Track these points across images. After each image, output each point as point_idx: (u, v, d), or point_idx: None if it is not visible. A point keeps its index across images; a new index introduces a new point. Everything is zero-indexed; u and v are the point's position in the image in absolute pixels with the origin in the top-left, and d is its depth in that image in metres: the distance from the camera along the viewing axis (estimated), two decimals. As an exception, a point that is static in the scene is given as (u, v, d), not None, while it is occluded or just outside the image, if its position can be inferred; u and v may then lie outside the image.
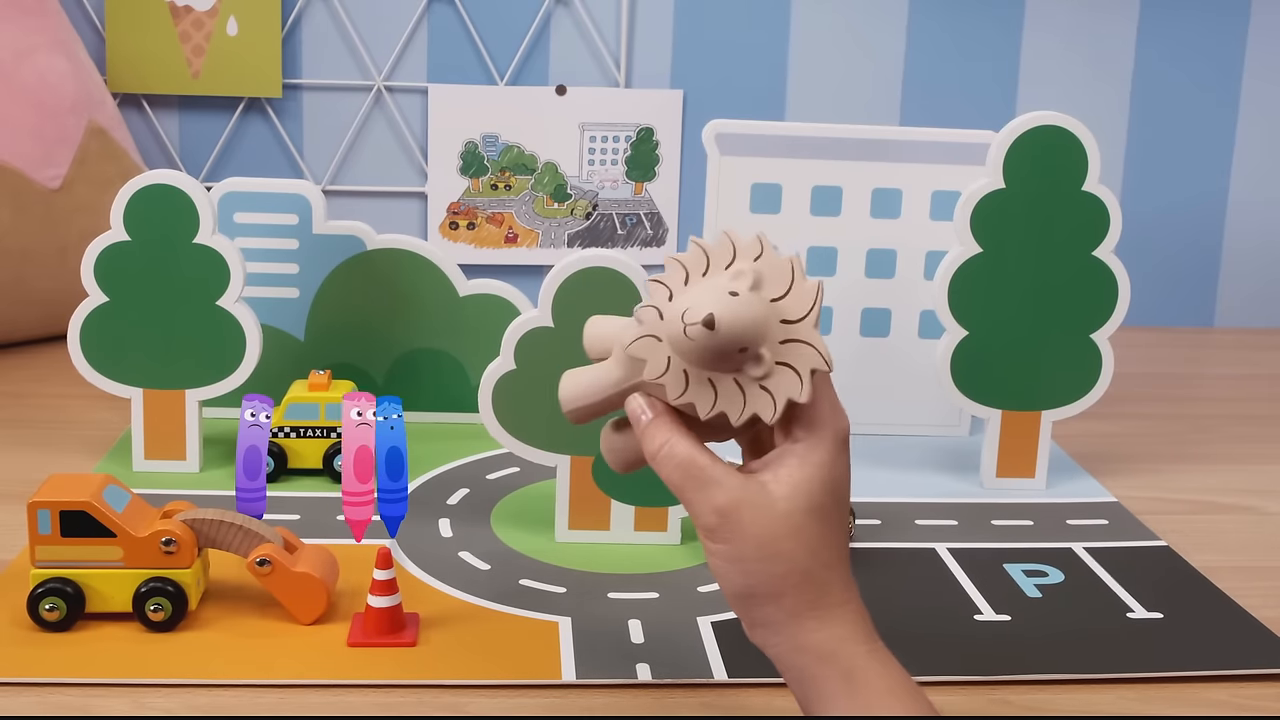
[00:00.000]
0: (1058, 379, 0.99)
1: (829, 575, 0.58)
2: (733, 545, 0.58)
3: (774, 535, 0.58)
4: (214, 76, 1.43)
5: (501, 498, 0.95)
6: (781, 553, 0.58)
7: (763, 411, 0.58)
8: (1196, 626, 0.78)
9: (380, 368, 1.09)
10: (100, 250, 0.94)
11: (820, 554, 0.58)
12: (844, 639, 0.58)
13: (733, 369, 0.58)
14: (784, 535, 0.58)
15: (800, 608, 0.58)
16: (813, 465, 0.58)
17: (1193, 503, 1.01)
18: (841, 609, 0.58)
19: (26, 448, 1.03)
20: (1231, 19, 1.51)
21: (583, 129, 1.49)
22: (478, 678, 0.70)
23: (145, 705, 0.67)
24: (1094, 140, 0.95)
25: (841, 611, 0.58)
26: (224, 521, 0.74)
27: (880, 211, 1.08)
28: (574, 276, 0.84)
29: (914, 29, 1.49)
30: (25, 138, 1.25)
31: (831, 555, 0.58)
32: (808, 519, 0.58)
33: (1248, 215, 1.56)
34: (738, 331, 0.57)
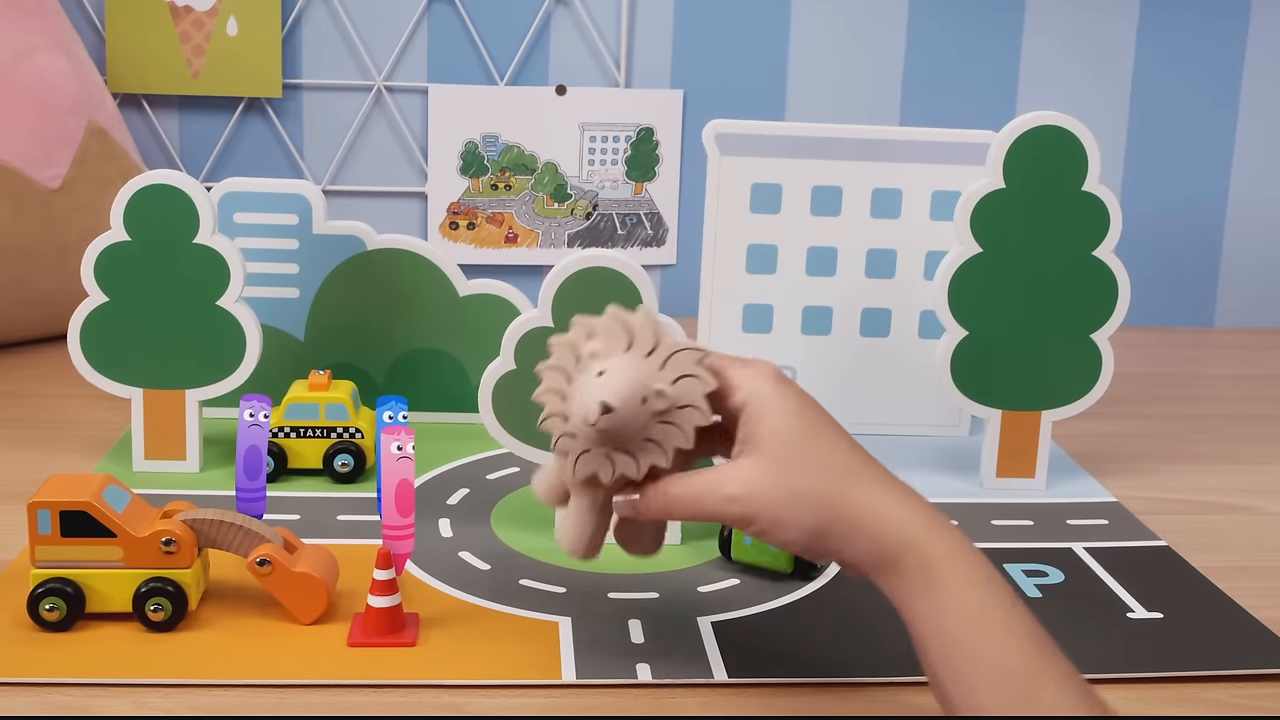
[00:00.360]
0: (1058, 379, 0.99)
1: (858, 473, 0.63)
2: (768, 510, 0.62)
3: (787, 477, 0.62)
4: (214, 76, 1.43)
5: (501, 498, 0.95)
6: (804, 486, 0.62)
7: (628, 473, 0.66)
8: (1196, 626, 0.78)
9: (380, 368, 1.09)
10: (100, 250, 0.94)
11: (838, 461, 0.63)
12: (905, 524, 0.61)
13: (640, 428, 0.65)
14: (795, 472, 0.62)
15: (856, 514, 0.61)
16: (768, 409, 0.63)
17: (1193, 503, 1.01)
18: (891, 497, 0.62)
19: (26, 448, 1.03)
20: (1231, 20, 1.51)
21: (583, 129, 1.49)
22: (478, 678, 0.70)
23: (145, 705, 0.67)
24: (1094, 140, 0.95)
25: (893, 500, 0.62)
26: (224, 521, 0.74)
27: (880, 211, 1.08)
28: (574, 276, 0.84)
29: (914, 29, 1.49)
30: (25, 138, 1.25)
31: (848, 458, 0.63)
32: (802, 445, 0.63)
33: (1248, 215, 1.56)
34: (627, 396, 0.64)
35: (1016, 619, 0.58)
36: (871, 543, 0.61)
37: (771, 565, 0.83)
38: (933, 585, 0.59)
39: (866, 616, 0.78)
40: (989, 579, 0.59)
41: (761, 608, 0.79)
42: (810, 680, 0.71)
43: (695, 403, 0.65)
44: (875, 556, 0.61)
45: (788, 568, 0.82)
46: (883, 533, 0.61)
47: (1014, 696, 0.55)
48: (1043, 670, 0.56)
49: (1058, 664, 0.57)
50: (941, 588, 0.59)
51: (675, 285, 1.52)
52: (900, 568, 0.60)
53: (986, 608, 0.58)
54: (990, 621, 0.58)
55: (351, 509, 0.92)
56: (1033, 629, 0.58)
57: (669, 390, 0.65)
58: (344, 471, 0.96)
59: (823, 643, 0.75)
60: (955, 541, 0.60)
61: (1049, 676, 0.56)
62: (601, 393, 0.63)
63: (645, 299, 0.84)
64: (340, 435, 0.97)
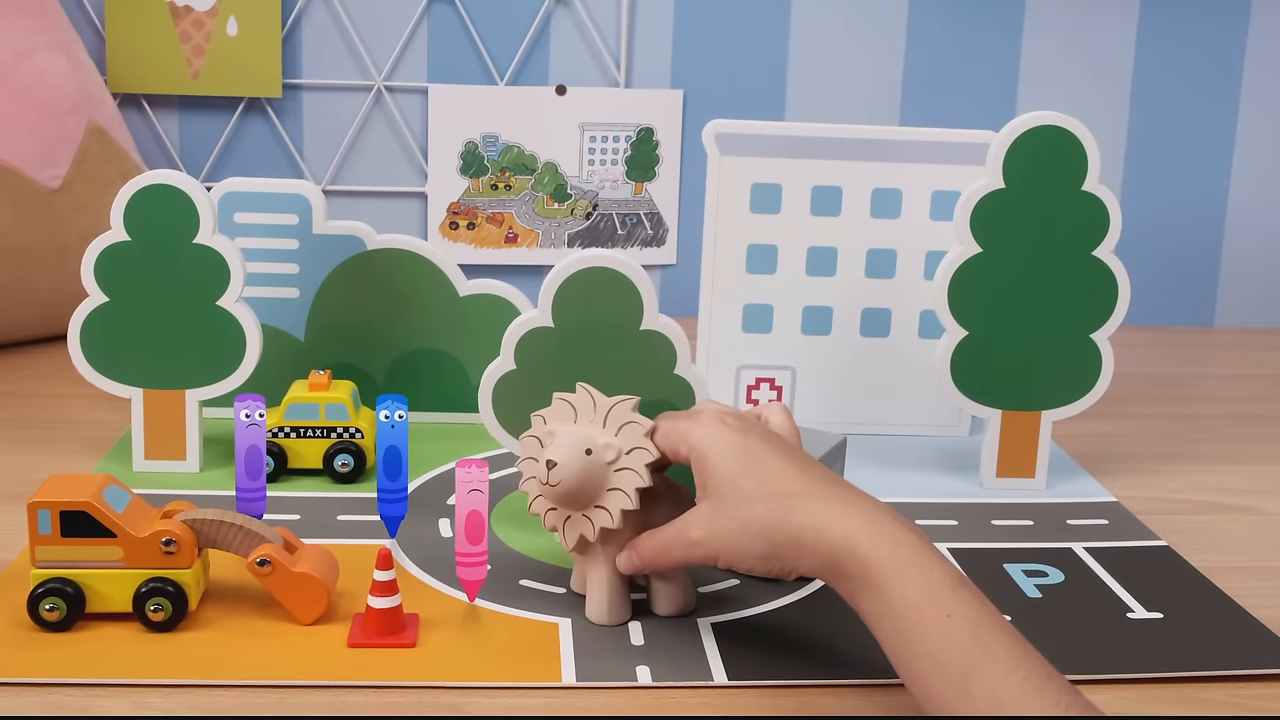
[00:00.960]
0: (1058, 379, 0.99)
1: (796, 495, 0.68)
2: (725, 546, 0.70)
3: (733, 511, 0.69)
4: (214, 76, 1.43)
5: (501, 498, 0.95)
6: (747, 517, 0.69)
7: (604, 523, 0.74)
8: (1196, 626, 0.78)
9: (380, 368, 1.09)
10: (100, 250, 0.94)
11: (775, 487, 0.69)
12: (843, 535, 0.65)
13: (600, 481, 0.74)
14: (739, 506, 0.69)
15: (797, 534, 0.67)
16: (709, 453, 0.71)
17: (1193, 503, 1.01)
18: (828, 511, 0.67)
19: (26, 448, 1.03)
20: (1231, 20, 1.51)
21: (583, 129, 1.49)
22: (478, 678, 0.70)
23: (145, 705, 0.67)
24: (1094, 140, 0.95)
25: (830, 514, 0.66)
26: (224, 521, 0.74)
27: (880, 211, 1.08)
28: (574, 276, 0.84)
29: (914, 29, 1.49)
30: (25, 138, 1.25)
31: (786, 483, 0.69)
32: (741, 479, 0.70)
33: (1248, 215, 1.56)
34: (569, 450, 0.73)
35: (956, 607, 0.61)
36: (817, 556, 0.66)
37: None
38: (872, 588, 0.64)
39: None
40: (926, 571, 0.63)
41: (761, 608, 0.79)
42: (810, 680, 0.71)
43: (639, 444, 0.73)
44: (823, 568, 0.66)
45: None
46: (824, 546, 0.66)
47: (953, 683, 0.59)
48: (982, 655, 0.59)
49: (998, 645, 0.60)
50: (880, 589, 0.63)
51: (675, 285, 1.52)
52: (844, 575, 0.65)
53: (923, 603, 0.62)
54: (926, 616, 0.61)
55: (351, 509, 0.92)
56: (972, 615, 0.61)
57: (614, 440, 0.73)
58: (344, 471, 0.96)
59: (823, 643, 0.75)
60: (895, 543, 0.64)
61: (988, 659, 0.59)
62: (547, 454, 0.73)
63: (645, 299, 0.84)
64: (340, 435, 0.97)
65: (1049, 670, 0.59)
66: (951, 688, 0.59)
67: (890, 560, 0.63)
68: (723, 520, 0.70)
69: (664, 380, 0.86)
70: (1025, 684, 0.58)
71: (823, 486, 0.69)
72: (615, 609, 0.76)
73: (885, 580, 0.63)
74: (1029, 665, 0.59)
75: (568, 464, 0.73)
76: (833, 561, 0.65)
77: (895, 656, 0.63)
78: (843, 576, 0.65)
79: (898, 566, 0.63)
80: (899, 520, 0.66)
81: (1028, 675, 0.58)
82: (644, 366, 0.85)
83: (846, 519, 0.66)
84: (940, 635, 0.61)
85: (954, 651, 0.60)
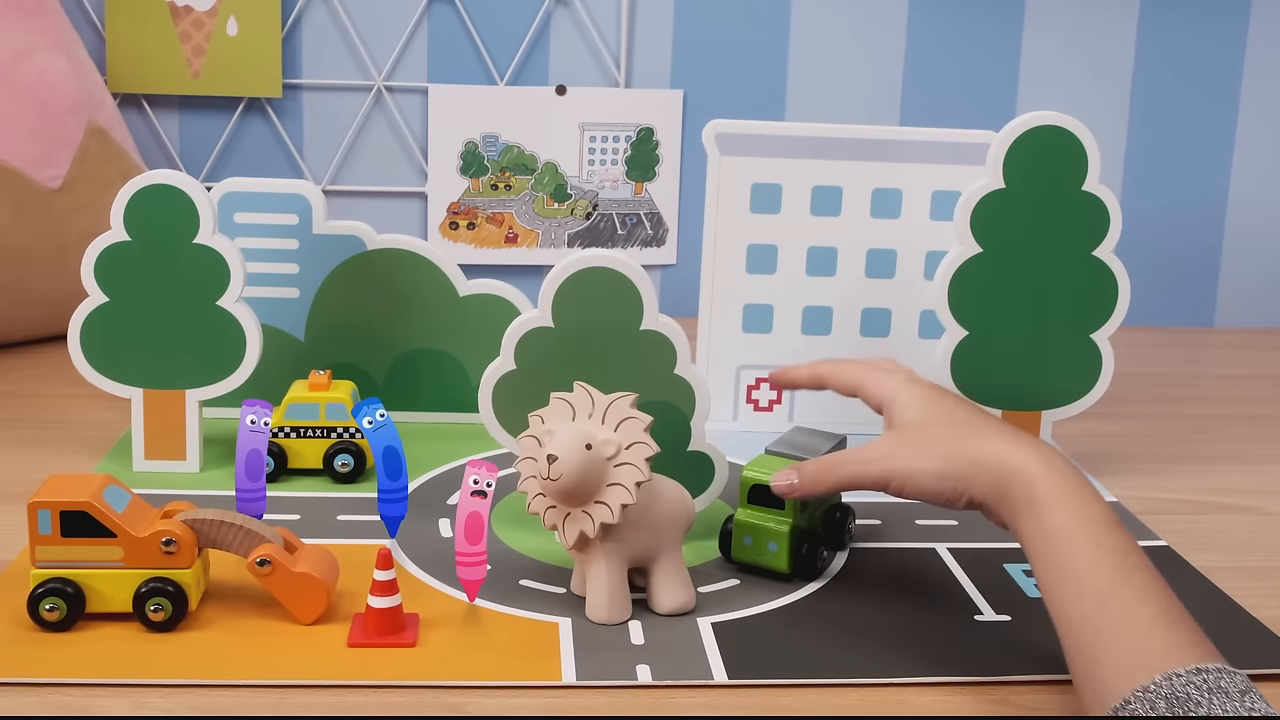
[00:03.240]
0: (1058, 379, 0.99)
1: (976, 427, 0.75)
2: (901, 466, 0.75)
3: (916, 437, 0.76)
4: (214, 76, 1.43)
5: (502, 498, 0.95)
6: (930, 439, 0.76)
7: (605, 519, 0.74)
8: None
9: (380, 368, 1.09)
10: (100, 250, 0.94)
11: (958, 419, 0.77)
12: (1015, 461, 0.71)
13: (600, 476, 0.74)
14: (922, 433, 0.76)
15: (974, 455, 0.73)
16: (900, 403, 0.78)
17: (1193, 503, 1.01)
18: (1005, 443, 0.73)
19: (26, 448, 1.03)
20: (1231, 19, 1.51)
21: (583, 129, 1.49)
22: (478, 678, 0.70)
23: (145, 705, 0.67)
24: (1094, 140, 0.95)
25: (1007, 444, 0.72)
26: (224, 521, 0.74)
27: (880, 211, 1.08)
28: (574, 276, 0.84)
29: (914, 29, 1.49)
30: (25, 138, 1.25)
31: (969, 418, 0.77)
32: (928, 415, 0.77)
33: (1248, 215, 1.56)
34: (569, 445, 0.73)
35: (1107, 539, 0.66)
36: (988, 478, 0.71)
37: (770, 565, 0.83)
38: (1034, 510, 0.69)
39: (866, 616, 0.79)
40: (1084, 503, 0.68)
41: (761, 608, 0.79)
42: (810, 680, 0.71)
43: (639, 438, 0.74)
44: (991, 489, 0.71)
45: (786, 568, 0.82)
46: (996, 468, 0.71)
47: (1089, 598, 0.64)
48: (1123, 582, 0.64)
49: (1140, 579, 0.64)
50: (1041, 512, 0.68)
51: (675, 285, 1.52)
52: (1009, 497, 0.70)
53: (1076, 529, 0.67)
54: (1076, 541, 0.66)
55: (351, 509, 0.92)
56: (1121, 548, 0.66)
57: (613, 435, 0.74)
58: (344, 471, 0.96)
59: (823, 643, 0.75)
60: (1060, 477, 0.69)
61: (1127, 586, 0.63)
62: (547, 449, 0.73)
63: (645, 299, 0.84)
64: (340, 435, 0.97)
65: (1184, 612, 0.63)
66: (1087, 601, 0.64)
67: (1055, 487, 0.69)
68: (906, 442, 0.76)
69: (664, 380, 0.86)
70: (1160, 615, 0.62)
71: (1003, 426, 0.76)
72: (615, 608, 0.76)
73: (1047, 503, 0.68)
74: (1166, 602, 0.63)
75: (568, 459, 0.73)
76: (1003, 483, 0.71)
77: (1042, 576, 0.67)
78: (1008, 499, 0.70)
79: (1060, 494, 0.68)
80: (1068, 462, 0.71)
81: (1164, 609, 0.63)
82: (644, 366, 0.85)
83: (1021, 449, 0.72)
84: (1087, 560, 0.65)
85: (1098, 575, 0.64)
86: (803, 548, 0.83)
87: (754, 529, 0.83)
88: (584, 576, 0.78)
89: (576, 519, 0.75)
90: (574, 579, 0.80)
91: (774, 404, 1.11)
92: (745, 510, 0.83)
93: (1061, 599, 0.65)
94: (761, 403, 1.11)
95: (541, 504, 0.76)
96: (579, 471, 0.73)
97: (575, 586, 0.80)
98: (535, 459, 0.75)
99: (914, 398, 0.78)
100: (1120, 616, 0.62)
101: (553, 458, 0.73)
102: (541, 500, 0.76)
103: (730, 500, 0.88)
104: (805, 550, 0.83)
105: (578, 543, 0.76)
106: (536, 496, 0.77)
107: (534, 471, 0.76)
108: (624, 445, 0.74)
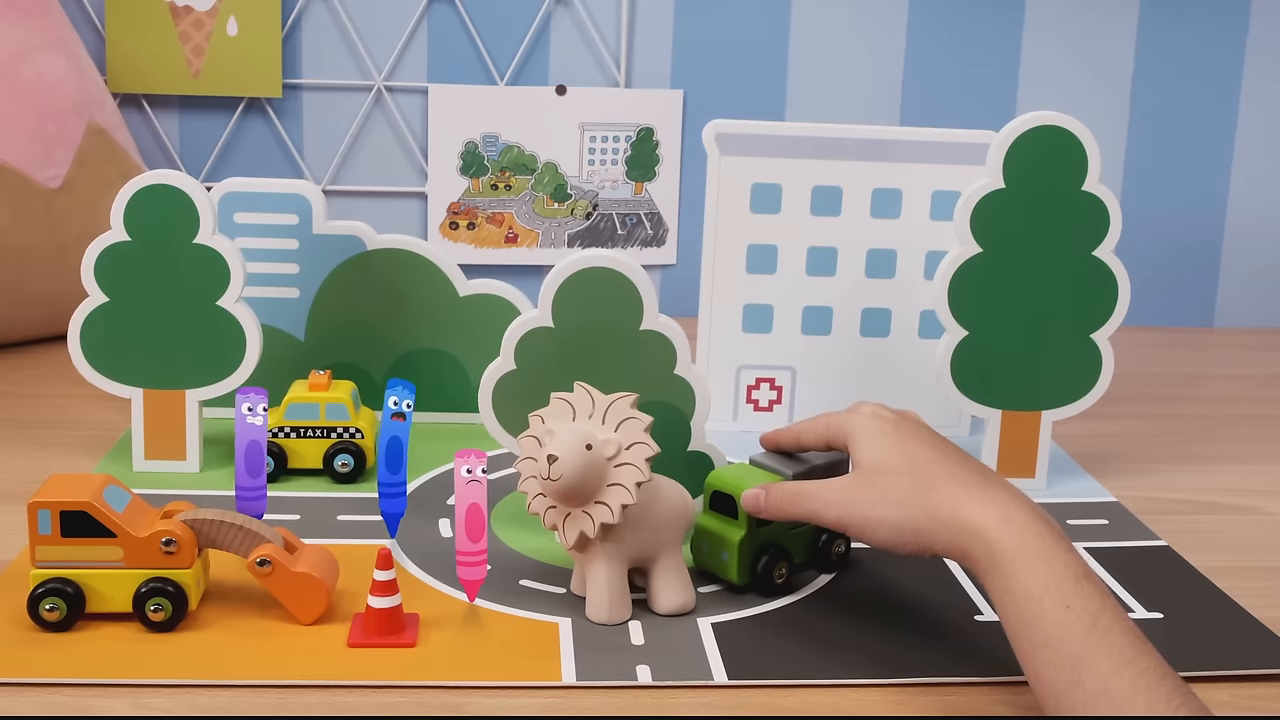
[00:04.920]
0: (1058, 379, 0.99)
1: (937, 477, 0.72)
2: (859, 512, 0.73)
3: (873, 483, 0.73)
4: (214, 76, 1.43)
5: (501, 498, 0.95)
6: (887, 488, 0.72)
7: (605, 519, 0.74)
8: (1196, 626, 0.78)
9: (380, 368, 1.09)
10: (100, 250, 0.94)
11: (917, 468, 0.73)
12: (974, 518, 0.68)
13: (601, 476, 0.74)
14: (881, 480, 0.73)
15: (932, 511, 0.70)
16: (863, 441, 0.76)
17: (1193, 503, 1.01)
18: (966, 495, 0.69)
19: (26, 448, 1.03)
20: (1231, 20, 1.51)
21: (583, 129, 1.49)
22: (478, 678, 0.70)
23: (145, 705, 0.67)
24: (1094, 140, 0.95)
25: (967, 497, 0.69)
26: (224, 521, 0.74)
27: (880, 211, 1.08)
28: (574, 276, 0.84)
29: (914, 29, 1.49)
30: (25, 138, 1.25)
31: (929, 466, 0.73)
32: (888, 459, 0.74)
33: (1248, 215, 1.56)
34: (570, 445, 0.73)
35: (1076, 600, 0.63)
36: (947, 536, 0.69)
37: (722, 574, 0.81)
38: (998, 573, 0.66)
39: (866, 617, 0.79)
40: (1049, 562, 0.65)
41: (761, 608, 0.79)
42: (810, 680, 0.71)
43: (639, 439, 0.74)
44: (953, 546, 0.69)
45: (736, 579, 0.80)
46: (955, 526, 0.68)
47: (1065, 670, 0.61)
48: (1096, 648, 0.61)
49: (1114, 640, 0.61)
50: (1003, 574, 0.65)
51: (675, 285, 1.52)
52: (971, 557, 0.68)
53: (1042, 592, 0.63)
54: (1044, 605, 0.63)
55: (351, 509, 0.92)
56: (1092, 608, 0.62)
57: (613, 435, 0.74)
58: (344, 471, 0.96)
59: (823, 643, 0.75)
60: (1023, 531, 0.66)
61: (1102, 652, 0.60)
62: (548, 449, 0.73)
63: (645, 299, 0.84)
64: (340, 435, 0.97)
65: (1165, 670, 0.60)
66: (1063, 675, 0.61)
67: (1015, 547, 0.66)
68: (864, 488, 0.73)
69: (664, 380, 0.86)
70: (1138, 680, 0.59)
71: (966, 473, 0.72)
72: (615, 608, 0.76)
73: (1009, 566, 0.65)
74: (1144, 663, 0.60)
75: (568, 459, 0.73)
76: (962, 542, 0.68)
77: (1014, 641, 0.65)
78: (970, 559, 0.68)
79: (1023, 554, 0.65)
80: (1035, 511, 0.68)
81: (1142, 672, 0.59)
82: (644, 367, 0.85)
83: (980, 504, 0.68)
84: (1056, 624, 0.62)
85: (1069, 641, 0.61)
86: (760, 561, 0.80)
87: (710, 536, 0.81)
88: (584, 576, 0.78)
89: (577, 519, 0.75)
90: (574, 579, 0.80)
91: (774, 404, 1.11)
92: (707, 515, 0.82)
93: (1036, 669, 0.63)
94: (761, 403, 1.11)
95: (542, 504, 0.76)
96: (579, 472, 0.73)
97: (575, 586, 0.80)
98: (535, 459, 0.75)
99: (875, 437, 0.76)
100: (1098, 688, 0.60)
101: (553, 458, 0.73)
102: (542, 500, 0.76)
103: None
104: (764, 564, 0.80)
105: (578, 543, 0.76)
106: (537, 497, 0.76)
107: (534, 472, 0.76)
108: (624, 445, 0.74)
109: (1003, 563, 0.65)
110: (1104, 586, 0.64)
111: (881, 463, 0.74)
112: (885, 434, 0.76)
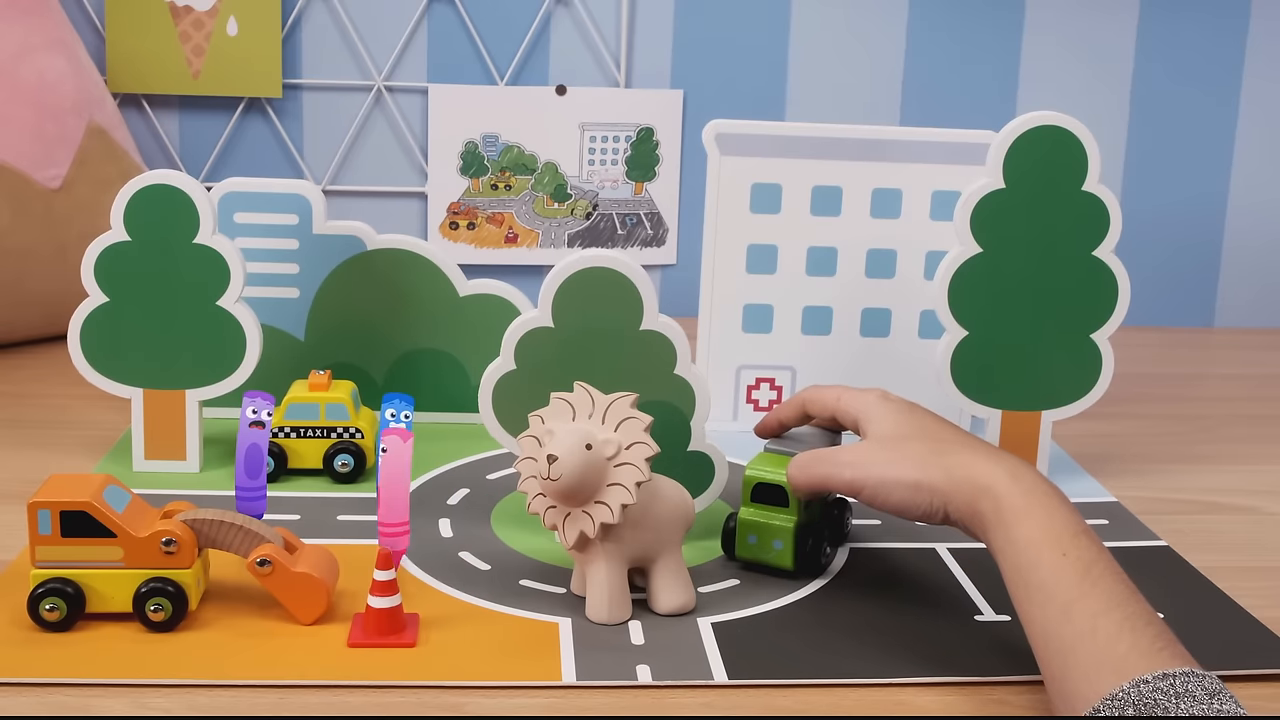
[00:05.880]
0: (1058, 379, 0.99)
1: (948, 443, 0.76)
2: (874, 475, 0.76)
3: (890, 448, 0.77)
4: (214, 76, 1.43)
5: (501, 498, 0.95)
6: (903, 453, 0.76)
7: (605, 519, 0.74)
8: (1196, 626, 0.78)
9: (380, 368, 1.09)
10: (100, 250, 0.94)
11: (928, 435, 0.78)
12: (984, 476, 0.72)
13: (601, 476, 0.74)
14: (896, 445, 0.77)
15: (945, 471, 0.73)
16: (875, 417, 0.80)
17: (1193, 503, 1.01)
18: (976, 458, 0.74)
19: (26, 448, 1.03)
20: (1231, 20, 1.51)
21: (583, 129, 1.49)
22: (478, 678, 0.70)
23: (145, 705, 0.67)
24: (1094, 140, 0.95)
25: (977, 460, 0.73)
26: (224, 521, 0.74)
27: (880, 211, 1.08)
28: (574, 276, 0.84)
29: (914, 29, 1.49)
30: (25, 138, 1.25)
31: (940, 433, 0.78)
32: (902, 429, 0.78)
33: (1248, 215, 1.56)
34: (570, 445, 0.73)
35: (1073, 549, 0.67)
36: (959, 494, 0.72)
37: (774, 563, 0.82)
38: (1001, 524, 0.70)
39: (866, 616, 0.79)
40: (1050, 515, 0.69)
41: (761, 608, 0.79)
42: (810, 680, 0.71)
43: (639, 438, 0.74)
44: (965, 505, 0.72)
45: (791, 565, 0.82)
46: (967, 484, 0.72)
47: (1056, 609, 0.65)
48: (1089, 590, 0.64)
49: (1106, 585, 0.65)
50: (1006, 526, 0.69)
51: (675, 285, 1.52)
52: (979, 512, 0.71)
53: (1042, 541, 0.67)
54: (1042, 553, 0.67)
55: (351, 509, 0.92)
56: (1087, 558, 0.66)
57: (613, 435, 0.74)
58: (344, 471, 0.96)
59: (822, 643, 0.75)
60: (1026, 489, 0.70)
61: (1093, 594, 0.64)
62: (548, 449, 0.73)
63: (645, 299, 0.84)
64: (340, 435, 0.97)
65: (1152, 616, 0.64)
66: (1054, 612, 0.64)
67: (1022, 500, 0.70)
68: (880, 451, 0.77)
69: (664, 380, 0.86)
70: (1125, 621, 0.63)
71: (976, 442, 0.77)
72: (615, 608, 0.76)
73: (1013, 517, 0.69)
74: (1132, 607, 0.64)
75: (568, 459, 0.73)
76: (973, 499, 0.71)
77: (1010, 585, 0.68)
78: (978, 514, 0.71)
79: (1028, 506, 0.69)
80: (1039, 476, 0.72)
81: (1129, 615, 0.63)
82: (644, 367, 0.85)
83: (991, 464, 0.73)
84: (1052, 570, 0.66)
85: (1062, 584, 0.65)
86: (807, 543, 0.83)
87: (759, 527, 0.83)
88: (584, 576, 0.78)
89: (576, 519, 0.75)
90: (574, 579, 0.80)
91: (774, 404, 1.11)
92: (749, 509, 0.83)
93: (1029, 611, 0.66)
94: (761, 403, 1.11)
95: (541, 504, 0.76)
96: (579, 471, 0.73)
97: (575, 586, 0.80)
98: (535, 459, 0.75)
99: (889, 412, 0.80)
100: (1086, 625, 0.63)
101: (553, 458, 0.73)
102: (541, 500, 0.76)
103: (730, 500, 0.88)
104: (810, 546, 0.83)
105: (578, 543, 0.76)
106: (536, 496, 0.76)
107: (534, 471, 0.76)
108: (624, 445, 0.74)
109: (1008, 515, 0.69)
110: (1101, 544, 0.68)
111: (896, 430, 0.78)
112: (899, 410, 0.80)
